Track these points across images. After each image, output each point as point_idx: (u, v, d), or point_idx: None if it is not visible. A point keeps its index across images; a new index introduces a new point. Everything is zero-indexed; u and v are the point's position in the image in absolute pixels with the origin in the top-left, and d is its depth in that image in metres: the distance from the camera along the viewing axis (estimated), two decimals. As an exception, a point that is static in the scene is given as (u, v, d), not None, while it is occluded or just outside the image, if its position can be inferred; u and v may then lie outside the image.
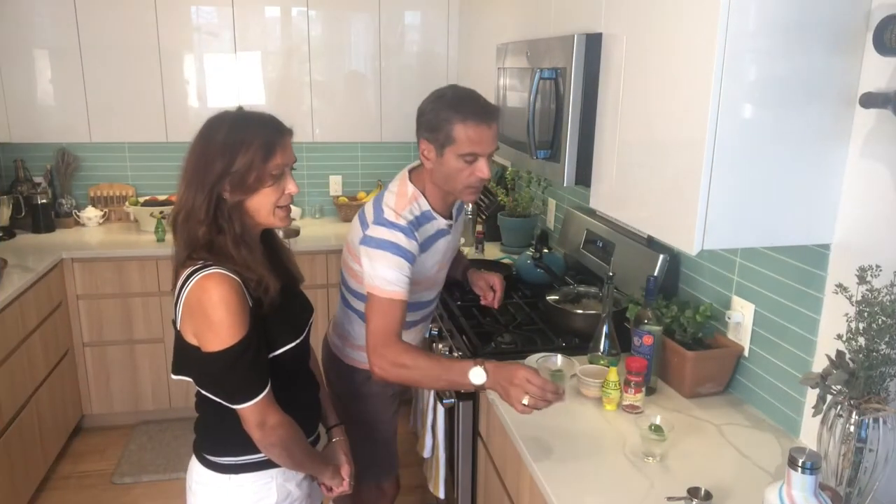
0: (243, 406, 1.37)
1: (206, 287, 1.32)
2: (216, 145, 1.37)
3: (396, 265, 1.67)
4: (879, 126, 1.32)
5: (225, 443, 1.47)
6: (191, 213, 1.37)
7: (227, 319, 1.31)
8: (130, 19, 3.29)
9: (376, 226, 1.71)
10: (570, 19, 1.95)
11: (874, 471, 1.24)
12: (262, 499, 1.49)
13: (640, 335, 1.79)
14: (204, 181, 1.36)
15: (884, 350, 1.21)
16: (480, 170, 1.67)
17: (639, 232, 2.21)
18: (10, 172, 3.57)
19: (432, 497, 2.17)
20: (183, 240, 1.39)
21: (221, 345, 1.31)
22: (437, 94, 1.70)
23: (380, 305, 1.67)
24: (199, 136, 1.41)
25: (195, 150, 1.40)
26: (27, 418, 2.73)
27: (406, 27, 3.60)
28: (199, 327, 1.34)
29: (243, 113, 1.44)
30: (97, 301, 3.24)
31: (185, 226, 1.38)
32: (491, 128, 1.66)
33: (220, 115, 1.42)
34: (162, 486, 3.00)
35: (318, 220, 3.90)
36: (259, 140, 1.37)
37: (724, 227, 1.36)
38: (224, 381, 1.37)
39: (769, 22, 1.27)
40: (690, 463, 1.50)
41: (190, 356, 1.39)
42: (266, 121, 1.42)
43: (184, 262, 1.38)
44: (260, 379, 1.38)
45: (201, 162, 1.37)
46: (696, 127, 1.33)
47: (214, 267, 1.33)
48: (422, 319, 2.02)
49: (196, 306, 1.33)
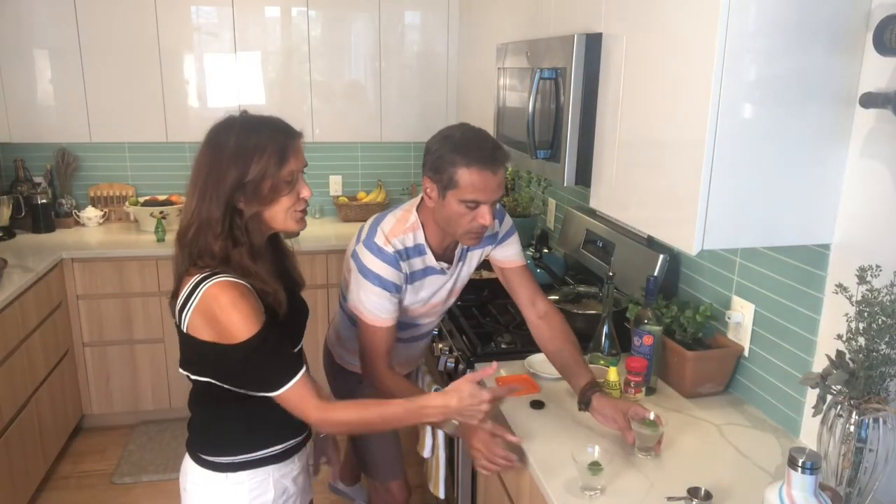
0: (282, 391, 1.35)
1: (216, 295, 1.31)
2: (227, 153, 1.32)
3: (377, 295, 1.68)
4: (879, 126, 1.32)
5: (222, 442, 1.47)
6: (205, 226, 1.33)
7: (239, 318, 1.31)
8: (130, 19, 3.29)
9: (365, 248, 1.70)
10: (570, 19, 1.95)
11: (874, 471, 1.24)
12: (259, 496, 1.48)
13: (640, 335, 1.79)
14: (219, 192, 1.32)
15: (884, 350, 1.21)
16: (483, 216, 1.60)
17: (639, 232, 2.21)
18: (10, 172, 3.57)
19: (432, 497, 2.17)
20: (193, 253, 1.35)
21: (241, 336, 1.31)
22: (445, 134, 1.63)
23: (364, 329, 1.72)
24: (207, 144, 1.36)
25: (204, 158, 1.35)
26: (27, 418, 2.73)
27: (406, 27, 3.60)
28: (216, 331, 1.32)
29: (251, 117, 1.39)
30: (97, 301, 3.24)
31: (198, 239, 1.34)
32: (496, 175, 1.58)
33: (226, 120, 1.38)
34: (162, 486, 2.99)
35: (318, 220, 3.90)
36: (272, 146, 1.34)
37: (724, 227, 1.36)
38: (254, 368, 1.35)
39: (769, 22, 1.27)
40: (690, 463, 1.50)
41: (209, 355, 1.36)
42: (276, 125, 1.39)
43: (188, 270, 1.36)
44: (292, 363, 1.38)
45: (213, 171, 1.33)
46: (696, 127, 1.33)
47: (221, 275, 1.32)
48: (421, 337, 1.99)
49: (209, 313, 1.32)
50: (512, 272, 1.87)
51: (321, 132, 3.59)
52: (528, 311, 1.85)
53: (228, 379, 1.39)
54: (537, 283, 1.89)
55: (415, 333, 1.96)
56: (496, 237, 1.86)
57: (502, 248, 1.86)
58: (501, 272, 1.90)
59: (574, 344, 1.77)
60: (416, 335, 1.97)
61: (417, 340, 2.00)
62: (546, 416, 1.69)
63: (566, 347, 1.75)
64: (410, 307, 1.82)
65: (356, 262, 1.71)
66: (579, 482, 1.39)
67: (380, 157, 3.96)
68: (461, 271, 1.87)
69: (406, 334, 1.93)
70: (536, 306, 1.84)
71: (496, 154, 1.58)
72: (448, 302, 1.91)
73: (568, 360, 1.73)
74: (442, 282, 1.82)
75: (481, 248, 1.87)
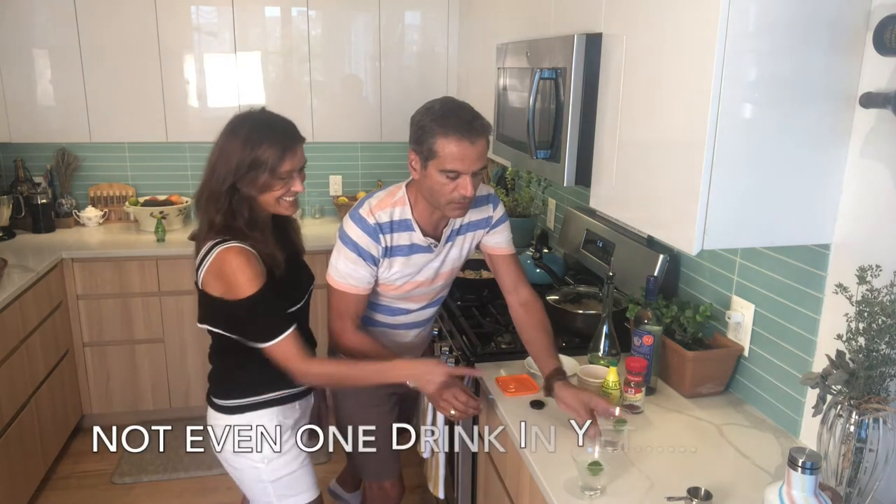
0: (272, 343, 1.61)
1: (226, 258, 1.56)
2: (237, 141, 1.57)
3: (352, 261, 1.76)
4: (879, 126, 1.32)
5: (232, 387, 1.74)
6: (212, 197, 1.60)
7: (244, 279, 1.56)
8: (130, 19, 3.28)
9: (349, 218, 1.80)
10: (570, 19, 1.95)
11: (874, 471, 1.24)
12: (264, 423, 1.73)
13: (640, 335, 1.79)
14: (225, 170, 1.57)
15: (884, 350, 1.21)
16: (464, 187, 1.63)
17: (639, 232, 2.21)
18: (10, 172, 3.58)
19: (432, 497, 2.17)
20: (203, 219, 1.63)
21: (244, 294, 1.56)
22: (427, 106, 1.67)
23: (332, 292, 1.81)
24: (226, 129, 1.61)
25: (220, 140, 1.61)
26: (27, 418, 2.73)
27: (406, 27, 3.60)
28: (224, 288, 1.58)
29: (265, 115, 1.65)
30: (97, 301, 3.24)
31: (207, 207, 1.61)
32: (475, 145, 1.60)
33: (246, 113, 1.64)
34: (162, 486, 3.00)
35: (318, 220, 3.90)
36: (274, 144, 1.57)
37: (724, 227, 1.36)
38: (251, 322, 1.61)
39: (769, 22, 1.27)
40: (690, 463, 1.50)
41: (217, 308, 1.62)
42: (284, 126, 1.63)
43: (206, 235, 1.62)
44: (283, 321, 1.63)
45: (224, 153, 1.58)
46: (696, 127, 1.33)
47: (232, 241, 1.58)
48: (408, 326, 1.98)
49: (219, 273, 1.57)
50: (500, 259, 1.93)
51: (321, 132, 3.59)
52: (511, 297, 1.92)
53: (232, 329, 1.65)
54: (523, 272, 1.95)
55: (402, 320, 1.96)
56: (490, 221, 1.90)
57: (493, 234, 1.92)
58: (490, 259, 1.96)
59: (548, 333, 1.84)
60: (405, 323, 1.97)
61: (406, 329, 1.99)
62: (546, 416, 1.69)
63: (539, 336, 1.83)
64: (394, 283, 1.83)
65: (339, 231, 1.82)
66: (579, 482, 1.39)
67: (380, 156, 3.96)
68: (449, 252, 1.88)
69: (392, 319, 1.94)
70: (519, 293, 1.91)
71: (474, 124, 1.62)
72: (434, 285, 1.91)
73: (539, 347, 1.81)
74: (427, 260, 1.84)
75: (472, 232, 1.89)
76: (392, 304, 1.91)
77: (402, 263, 1.81)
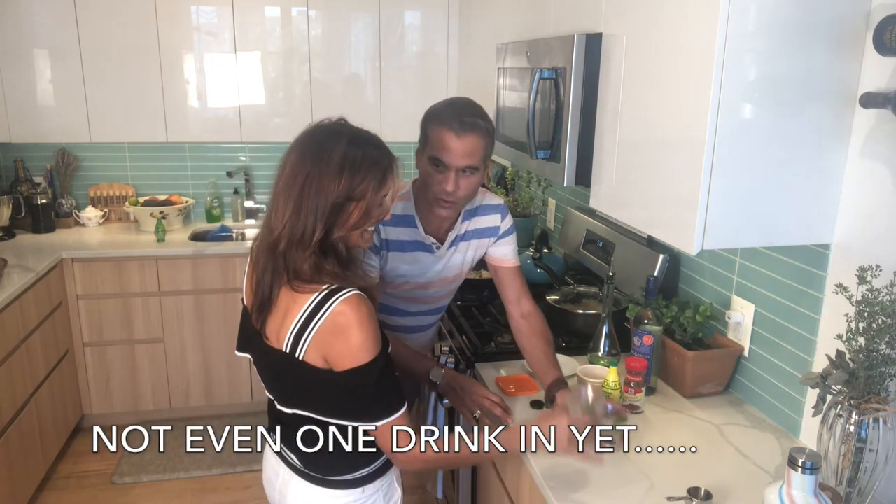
0: (387, 421, 1.27)
1: (346, 312, 1.22)
2: (333, 166, 1.22)
3: None
4: (879, 126, 1.32)
5: (350, 459, 1.39)
6: (299, 241, 1.23)
7: (370, 338, 1.24)
8: (130, 19, 3.29)
9: None
10: (570, 19, 1.95)
11: (874, 471, 1.24)
12: (391, 496, 1.55)
13: (640, 335, 1.79)
14: (318, 207, 1.22)
15: (884, 350, 1.21)
16: (445, 181, 1.61)
17: (639, 232, 2.21)
18: (10, 172, 3.58)
19: (432, 497, 2.17)
20: (278, 266, 1.26)
21: (369, 357, 1.23)
22: (438, 101, 1.72)
23: None
24: (307, 151, 1.25)
25: (303, 166, 1.24)
26: (27, 418, 2.73)
27: (406, 27, 3.60)
28: (342, 351, 1.23)
29: (355, 131, 1.32)
30: (97, 301, 3.25)
31: (288, 252, 1.24)
32: (460, 138, 1.58)
33: (329, 129, 1.30)
34: (162, 486, 3.00)
35: (318, 220, 3.89)
36: (377, 167, 1.27)
37: (724, 227, 1.36)
38: (367, 395, 1.26)
39: (769, 22, 1.27)
40: (690, 463, 1.50)
41: (315, 381, 1.27)
42: (379, 142, 1.32)
43: (293, 284, 1.25)
44: (401, 390, 1.30)
45: (314, 184, 1.22)
46: (696, 127, 1.33)
47: (350, 289, 1.24)
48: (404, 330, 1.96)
49: (341, 331, 1.22)
50: (505, 271, 1.90)
51: (321, 132, 3.59)
52: (513, 308, 1.90)
53: (339, 409, 1.30)
54: (526, 285, 1.92)
55: (398, 322, 1.94)
56: (497, 231, 1.88)
57: (500, 245, 1.89)
58: (495, 270, 1.94)
59: (549, 343, 1.82)
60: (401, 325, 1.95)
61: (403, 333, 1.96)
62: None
63: (540, 345, 1.81)
64: (392, 281, 1.82)
65: None
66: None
67: (380, 157, 3.95)
68: (452, 257, 1.86)
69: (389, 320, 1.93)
70: (521, 305, 1.89)
71: (464, 119, 1.61)
72: (431, 289, 1.89)
73: (540, 356, 1.78)
74: (430, 261, 1.82)
75: (478, 240, 1.88)
76: (389, 304, 1.89)
77: (405, 259, 1.80)
